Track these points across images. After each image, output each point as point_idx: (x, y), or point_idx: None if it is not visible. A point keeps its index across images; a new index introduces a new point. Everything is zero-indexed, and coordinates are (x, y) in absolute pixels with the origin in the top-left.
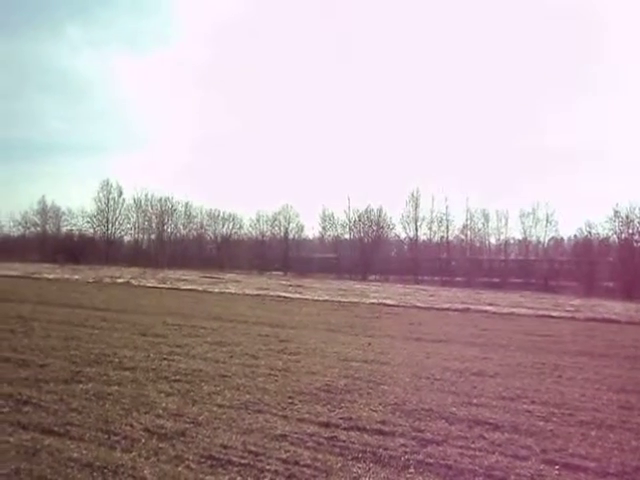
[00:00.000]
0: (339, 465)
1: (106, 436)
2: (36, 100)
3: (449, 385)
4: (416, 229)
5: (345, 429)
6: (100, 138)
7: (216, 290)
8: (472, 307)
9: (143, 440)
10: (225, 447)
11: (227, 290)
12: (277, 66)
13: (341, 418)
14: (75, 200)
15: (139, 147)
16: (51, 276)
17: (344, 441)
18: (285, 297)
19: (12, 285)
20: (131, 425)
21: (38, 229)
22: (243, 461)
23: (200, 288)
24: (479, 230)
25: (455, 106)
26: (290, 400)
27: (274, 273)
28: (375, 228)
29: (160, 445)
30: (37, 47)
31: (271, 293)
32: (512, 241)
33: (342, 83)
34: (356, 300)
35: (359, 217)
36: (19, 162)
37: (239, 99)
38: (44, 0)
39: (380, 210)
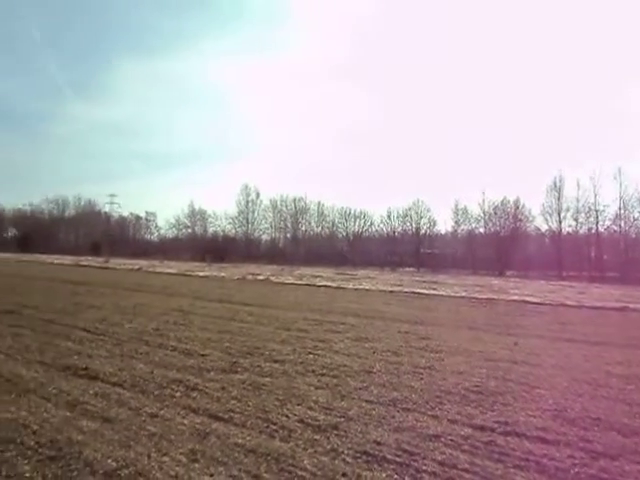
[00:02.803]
0: (499, 472)
1: (265, 425)
2: (178, 114)
3: (616, 392)
4: (559, 221)
5: (502, 434)
6: (238, 144)
7: (350, 286)
8: (630, 306)
9: (299, 431)
10: (378, 444)
11: (361, 286)
12: (405, 63)
13: (496, 422)
14: (218, 203)
15: (273, 150)
16: (202, 274)
17: (502, 447)
18: (420, 293)
19: (171, 282)
20: (286, 416)
21: (188, 231)
22: (398, 459)
23: (334, 285)
24: (635, 220)
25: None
26: (438, 399)
27: (406, 269)
28: (512, 221)
29: (315, 437)
30: (174, 65)
31: (405, 289)
32: None
33: (472, 73)
34: (495, 297)
35: (494, 210)
36: (173, 171)
37: (369, 99)
38: (178, 19)
39: (517, 201)
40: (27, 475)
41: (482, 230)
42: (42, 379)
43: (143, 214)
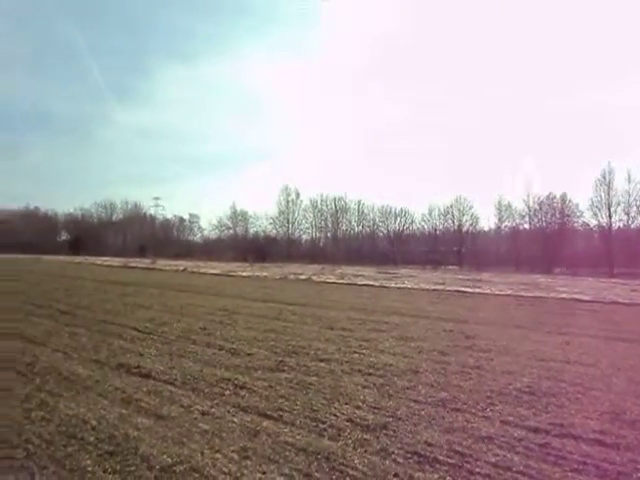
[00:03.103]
0: (557, 476)
1: (314, 423)
2: (218, 117)
3: None
4: (609, 215)
5: (557, 436)
6: (277, 145)
7: (392, 285)
8: None
9: (348, 430)
10: (429, 444)
11: (403, 285)
12: (437, 59)
13: (550, 424)
14: (259, 204)
15: (312, 150)
16: (244, 274)
17: (559, 449)
18: (463, 292)
19: (215, 282)
20: (335, 415)
21: (230, 231)
22: (450, 461)
23: (376, 283)
24: None
25: None
26: (489, 400)
27: (449, 267)
28: (559, 216)
29: (364, 436)
30: (212, 68)
31: (448, 288)
32: None
33: (512, 62)
34: (542, 295)
35: (540, 205)
36: (215, 173)
37: (406, 96)
38: (215, 24)
39: (564, 196)
40: (89, 469)
41: (527, 226)
42: (98, 377)
43: (186, 216)
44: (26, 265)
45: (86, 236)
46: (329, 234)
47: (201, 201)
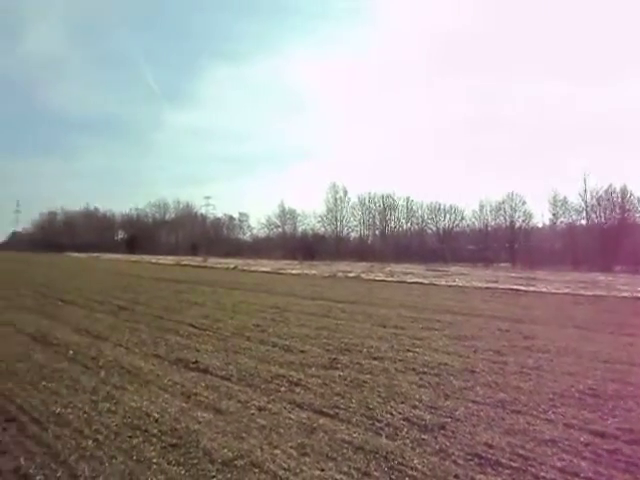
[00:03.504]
0: None
1: (370, 422)
2: (267, 116)
3: None
4: None
5: (627, 442)
6: (324, 144)
7: (442, 283)
8: None
9: (405, 429)
10: (490, 446)
11: (454, 283)
12: (487, 54)
13: (619, 428)
14: (307, 203)
15: (360, 148)
16: (293, 271)
17: (630, 456)
18: (517, 290)
19: (265, 280)
20: (391, 413)
21: (279, 230)
22: (513, 464)
23: (426, 281)
24: None
25: None
26: (551, 402)
27: (501, 265)
28: (619, 211)
29: (422, 436)
30: (259, 68)
31: (501, 286)
32: None
33: (561, 52)
34: (603, 293)
35: (598, 200)
36: (263, 172)
37: (452, 91)
38: (259, 24)
39: (624, 190)
40: (154, 460)
41: (584, 222)
42: (158, 371)
43: (236, 215)
44: (87, 263)
45: (141, 235)
46: (377, 231)
47: (250, 200)
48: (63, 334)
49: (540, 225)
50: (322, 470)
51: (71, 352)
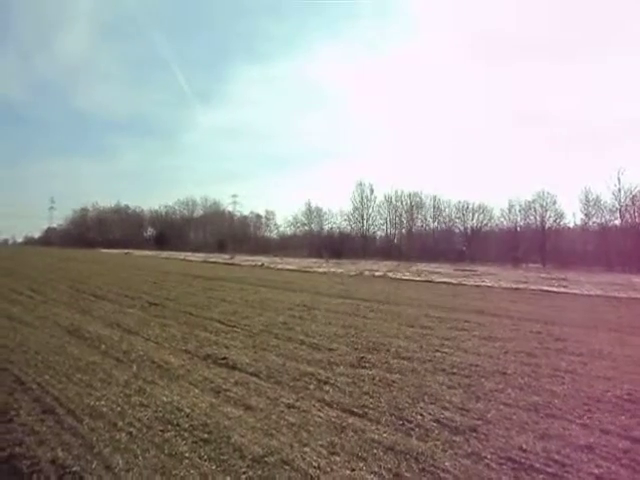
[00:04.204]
0: None
1: (400, 422)
2: (294, 116)
3: None
4: None
5: None
6: (351, 142)
7: (471, 283)
8: None
9: (436, 431)
10: (524, 450)
11: (482, 283)
12: (514, 52)
13: None
14: (334, 201)
15: (387, 147)
16: (320, 270)
17: None
18: (548, 291)
19: (292, 278)
20: (421, 414)
21: (306, 228)
22: (548, 469)
23: (454, 281)
24: None
25: None
26: (586, 407)
27: (530, 265)
28: None
29: (453, 438)
30: (288, 68)
31: (531, 287)
32: None
33: (593, 46)
34: (638, 296)
35: (632, 199)
36: (290, 171)
37: (480, 90)
38: (290, 24)
39: None
40: (186, 455)
41: (618, 222)
42: (188, 366)
43: (263, 213)
44: (118, 259)
45: (169, 232)
46: (404, 230)
47: (277, 198)
48: (96, 328)
49: (571, 225)
50: (352, 470)
51: (104, 346)
